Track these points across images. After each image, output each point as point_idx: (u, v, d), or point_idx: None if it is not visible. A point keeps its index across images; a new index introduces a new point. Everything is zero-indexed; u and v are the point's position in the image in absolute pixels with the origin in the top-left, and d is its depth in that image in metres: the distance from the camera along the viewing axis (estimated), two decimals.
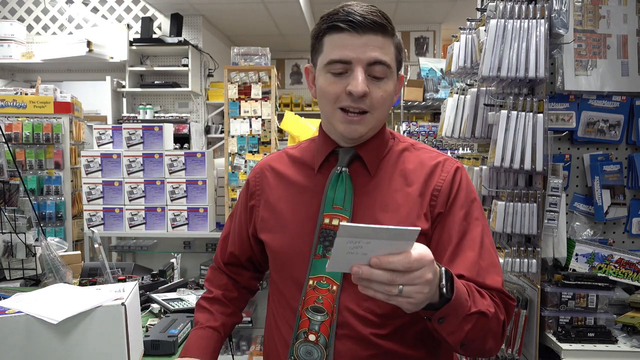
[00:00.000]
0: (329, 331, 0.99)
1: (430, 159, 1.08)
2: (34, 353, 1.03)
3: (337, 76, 1.00)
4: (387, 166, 1.08)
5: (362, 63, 0.98)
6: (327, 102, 1.03)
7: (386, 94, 1.01)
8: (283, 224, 1.09)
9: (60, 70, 5.73)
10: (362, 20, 0.97)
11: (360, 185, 1.06)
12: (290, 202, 1.09)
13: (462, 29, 1.86)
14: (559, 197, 1.55)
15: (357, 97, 0.98)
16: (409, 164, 1.08)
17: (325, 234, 1.02)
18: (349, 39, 0.98)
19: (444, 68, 2.96)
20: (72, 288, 1.27)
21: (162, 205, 3.46)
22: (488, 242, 1.02)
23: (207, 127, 5.75)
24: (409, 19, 6.93)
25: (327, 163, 1.09)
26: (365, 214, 1.03)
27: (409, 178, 1.06)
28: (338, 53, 0.99)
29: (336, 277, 1.01)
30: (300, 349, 1.01)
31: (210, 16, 5.78)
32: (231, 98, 3.82)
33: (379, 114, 1.03)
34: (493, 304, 0.95)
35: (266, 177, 1.16)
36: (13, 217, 1.94)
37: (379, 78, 1.00)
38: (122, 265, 2.05)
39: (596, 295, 1.55)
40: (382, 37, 0.99)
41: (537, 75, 1.49)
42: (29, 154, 3.99)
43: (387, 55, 1.00)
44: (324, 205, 1.04)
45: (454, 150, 3.46)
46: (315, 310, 1.00)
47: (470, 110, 1.80)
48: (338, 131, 1.05)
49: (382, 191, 1.05)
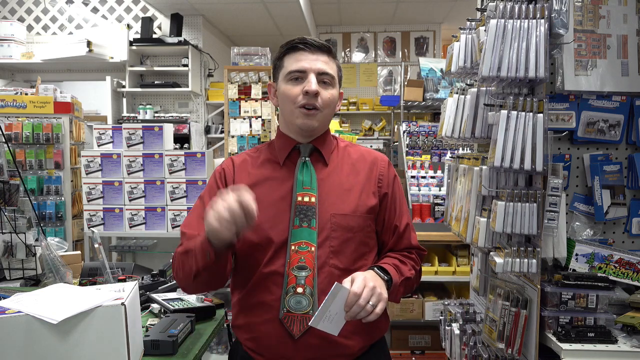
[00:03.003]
0: (313, 283, 1.27)
1: (367, 153, 1.45)
2: (34, 353, 1.03)
3: (295, 82, 1.32)
4: (336, 158, 1.41)
5: (314, 71, 1.32)
6: (289, 103, 1.33)
7: (332, 97, 1.35)
8: (258, 203, 1.22)
9: (60, 70, 5.74)
10: (313, 42, 1.34)
11: (320, 172, 1.37)
12: (262, 187, 1.34)
13: (462, 29, 1.85)
14: (559, 197, 1.54)
15: (312, 94, 1.29)
16: (353, 156, 1.43)
17: (300, 209, 1.31)
18: (303, 54, 1.33)
19: (444, 68, 2.96)
20: (72, 288, 1.27)
21: (162, 205, 3.46)
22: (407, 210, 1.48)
23: (207, 127, 5.75)
24: (409, 19, 6.93)
25: (289, 158, 1.38)
26: (328, 193, 1.34)
27: (356, 166, 1.41)
28: (296, 65, 1.32)
29: (312, 240, 1.28)
30: (291, 301, 1.26)
31: (210, 16, 5.78)
32: (231, 98, 3.82)
33: (327, 112, 1.35)
34: (412, 264, 1.40)
35: (236, 169, 1.40)
36: (13, 217, 1.94)
37: (326, 84, 1.33)
38: (122, 265, 2.06)
39: (596, 295, 1.55)
40: (327, 57, 1.35)
41: (537, 75, 1.49)
42: (29, 154, 3.99)
43: (331, 69, 1.35)
44: (296, 186, 1.33)
45: (454, 150, 3.46)
46: (300, 269, 1.27)
47: (470, 110, 1.80)
48: (297, 126, 1.34)
49: (337, 175, 1.38)
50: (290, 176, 1.35)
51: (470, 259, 2.26)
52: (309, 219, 1.29)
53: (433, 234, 3.27)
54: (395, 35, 7.26)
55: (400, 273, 1.34)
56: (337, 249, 1.30)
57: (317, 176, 1.35)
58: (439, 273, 3.30)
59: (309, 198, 1.31)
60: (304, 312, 1.25)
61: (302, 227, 1.29)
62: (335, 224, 1.31)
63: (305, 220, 1.29)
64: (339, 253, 1.31)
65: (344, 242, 1.31)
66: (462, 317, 2.09)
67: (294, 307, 1.25)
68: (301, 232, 1.29)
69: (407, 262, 1.39)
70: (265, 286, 1.29)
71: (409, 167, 3.77)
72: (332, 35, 7.26)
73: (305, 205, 1.30)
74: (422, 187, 3.61)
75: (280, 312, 1.26)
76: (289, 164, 1.38)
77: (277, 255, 1.29)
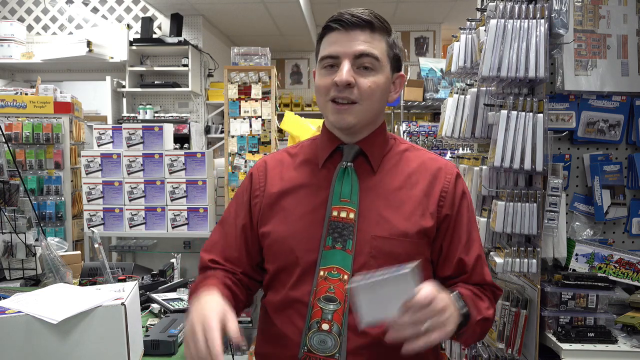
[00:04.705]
0: (342, 319, 1.02)
1: (431, 161, 1.15)
2: (34, 353, 1.03)
3: (328, 70, 1.08)
4: (389, 164, 1.14)
5: (349, 56, 1.05)
6: (320, 95, 1.10)
7: (375, 85, 1.07)
8: (287, 215, 1.11)
9: (60, 70, 5.73)
10: (349, 18, 1.06)
11: (364, 181, 1.11)
12: (295, 195, 1.12)
13: (462, 29, 1.86)
14: (559, 197, 1.54)
15: (342, 87, 1.04)
16: (412, 164, 1.14)
17: (334, 226, 1.06)
18: (337, 36, 1.07)
19: (444, 68, 2.96)
20: (72, 288, 1.27)
21: (162, 205, 3.46)
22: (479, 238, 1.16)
23: (207, 127, 5.75)
24: (409, 19, 6.93)
25: (331, 159, 1.14)
26: (371, 209, 1.08)
27: (413, 177, 1.12)
28: (328, 49, 1.08)
29: (346, 267, 1.04)
30: (314, 339, 1.03)
31: (210, 16, 5.78)
32: (231, 98, 3.82)
33: (368, 105, 1.08)
34: (489, 303, 1.10)
35: (269, 172, 1.17)
36: (13, 217, 1.94)
37: (367, 69, 1.06)
38: (122, 265, 2.05)
39: (596, 295, 1.55)
40: (370, 33, 1.07)
41: (537, 75, 1.49)
42: (29, 154, 3.99)
43: (375, 49, 1.06)
44: (332, 198, 1.08)
45: (454, 150, 3.45)
46: (327, 300, 1.03)
47: (470, 110, 1.80)
48: (330, 122, 1.11)
49: (385, 187, 1.11)
50: (328, 183, 1.11)
51: None
52: (345, 240, 1.05)
53: None
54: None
55: (478, 310, 1.05)
56: None
57: (360, 186, 1.09)
58: None
59: (347, 214, 1.07)
60: (327, 355, 1.01)
61: (335, 248, 1.05)
62: (376, 248, 1.05)
63: (340, 241, 1.05)
64: None
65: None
66: None
67: (316, 346, 1.02)
68: (334, 254, 1.05)
69: (484, 299, 1.10)
70: (287, 315, 1.07)
71: None
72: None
73: (341, 222, 1.06)
74: None
75: (300, 350, 1.03)
76: (330, 167, 1.13)
77: (302, 280, 1.06)
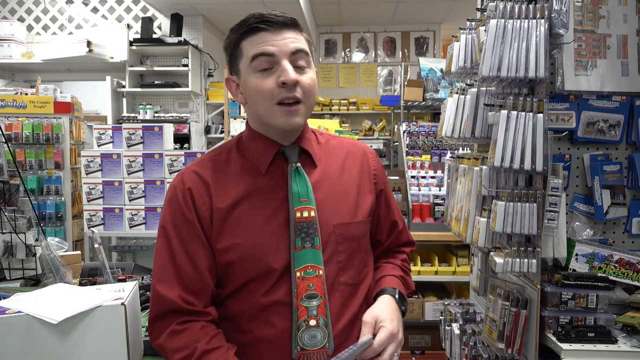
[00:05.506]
0: (326, 311, 1.08)
1: (353, 146, 1.26)
2: (34, 353, 1.03)
3: (265, 72, 1.06)
4: (323, 156, 1.19)
5: (286, 55, 1.05)
6: (263, 100, 1.07)
7: (313, 82, 1.10)
8: (245, 227, 1.08)
9: (60, 70, 5.74)
10: (275, 18, 1.06)
11: (310, 176, 1.14)
12: (246, 205, 1.10)
13: (462, 29, 1.85)
14: (559, 197, 1.54)
15: (291, 85, 1.04)
16: (339, 151, 1.22)
17: (300, 227, 1.09)
18: (267, 35, 1.06)
19: (444, 68, 2.96)
20: (72, 288, 1.27)
21: (162, 205, 3.45)
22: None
23: (207, 127, 5.75)
24: (409, 19, 6.93)
25: (272, 164, 1.14)
26: (325, 201, 1.13)
27: (346, 163, 1.21)
28: (260, 48, 1.05)
29: (318, 262, 1.09)
30: (305, 337, 1.06)
31: (210, 16, 5.78)
32: (231, 98, 3.81)
33: (309, 103, 1.11)
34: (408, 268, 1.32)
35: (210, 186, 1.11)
36: (13, 217, 1.94)
37: (302, 67, 1.08)
38: (122, 265, 2.05)
39: (596, 295, 1.55)
40: (295, 32, 1.09)
41: (537, 75, 1.49)
42: (29, 154, 3.99)
43: (304, 46, 1.09)
44: (292, 200, 1.10)
45: (454, 150, 3.46)
46: (310, 298, 1.07)
47: (470, 110, 1.80)
48: (277, 127, 1.10)
49: (329, 177, 1.17)
50: (278, 187, 1.11)
51: (470, 259, 2.25)
52: (312, 237, 1.09)
53: (433, 234, 3.27)
54: (395, 35, 7.26)
55: (408, 287, 1.26)
56: (345, 264, 1.13)
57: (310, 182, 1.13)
58: (439, 273, 3.30)
59: (308, 212, 1.10)
60: (320, 347, 1.06)
61: (305, 248, 1.08)
62: (340, 235, 1.12)
63: (308, 240, 1.08)
64: (348, 268, 1.13)
65: (351, 255, 1.14)
66: (462, 317, 2.09)
67: (308, 343, 1.06)
68: (305, 254, 1.08)
69: (407, 269, 1.31)
70: (263, 319, 1.08)
71: (409, 167, 3.77)
72: (332, 35, 7.26)
73: (305, 222, 1.09)
74: (422, 187, 3.61)
75: (292, 351, 1.06)
76: (273, 172, 1.13)
77: (279, 284, 1.08)
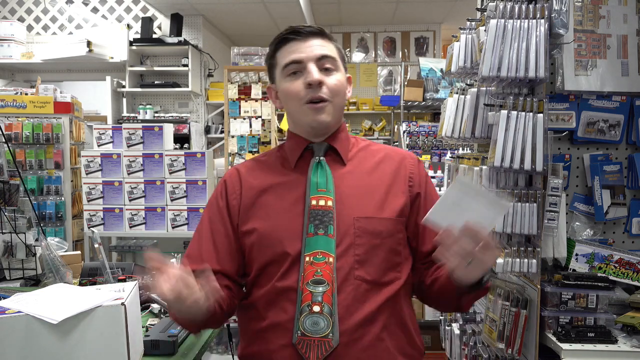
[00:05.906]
0: (332, 300, 1.08)
1: (393, 151, 1.28)
2: (34, 353, 1.03)
3: (294, 76, 1.18)
4: (356, 157, 1.25)
5: (312, 59, 1.17)
6: (293, 101, 1.19)
7: (339, 83, 1.19)
8: (268, 211, 1.17)
9: (60, 70, 5.73)
10: (303, 28, 1.19)
11: (337, 172, 1.20)
12: (273, 193, 1.20)
13: (462, 29, 1.85)
14: (559, 197, 1.54)
15: (315, 85, 1.15)
16: (377, 154, 1.26)
17: (315, 214, 1.14)
18: (296, 44, 1.19)
19: (444, 68, 2.96)
20: (72, 288, 1.27)
21: (162, 205, 3.46)
22: None
23: (207, 127, 5.75)
24: (409, 19, 6.93)
25: (302, 159, 1.23)
26: (348, 194, 1.17)
27: (380, 165, 1.23)
28: (290, 57, 1.18)
29: (330, 250, 1.11)
30: (306, 322, 1.07)
31: (210, 16, 5.78)
32: (231, 98, 3.82)
33: (337, 102, 1.19)
34: None
35: (243, 177, 1.24)
36: (13, 217, 1.94)
37: (329, 70, 1.18)
38: (122, 265, 2.05)
39: (596, 295, 1.55)
40: (322, 40, 1.21)
41: (537, 75, 1.49)
42: (29, 154, 3.99)
43: (331, 52, 1.20)
44: (309, 189, 1.17)
45: (454, 150, 3.45)
46: (316, 283, 1.08)
47: (470, 110, 1.80)
48: (307, 125, 1.20)
49: (359, 174, 1.21)
50: (303, 179, 1.19)
51: None
52: (326, 226, 1.12)
53: None
54: (395, 35, 7.26)
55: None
56: (363, 258, 1.12)
57: (334, 176, 1.19)
58: None
59: (325, 201, 1.14)
60: (322, 336, 1.06)
61: (318, 234, 1.11)
62: (359, 228, 1.13)
63: (321, 227, 1.12)
64: (366, 263, 1.12)
65: (371, 250, 1.13)
66: (462, 317, 2.10)
67: (310, 329, 1.07)
68: (316, 240, 1.11)
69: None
70: (278, 305, 1.12)
71: None
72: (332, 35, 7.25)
73: (320, 210, 1.13)
74: None
75: (293, 335, 1.08)
76: (302, 166, 1.22)
77: (292, 269, 1.12)
